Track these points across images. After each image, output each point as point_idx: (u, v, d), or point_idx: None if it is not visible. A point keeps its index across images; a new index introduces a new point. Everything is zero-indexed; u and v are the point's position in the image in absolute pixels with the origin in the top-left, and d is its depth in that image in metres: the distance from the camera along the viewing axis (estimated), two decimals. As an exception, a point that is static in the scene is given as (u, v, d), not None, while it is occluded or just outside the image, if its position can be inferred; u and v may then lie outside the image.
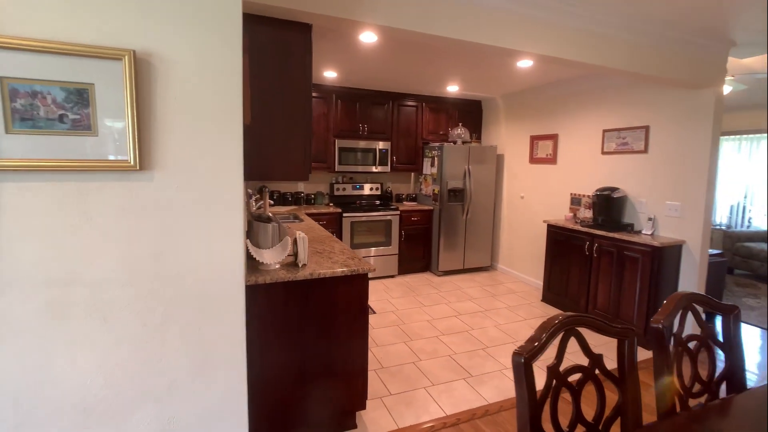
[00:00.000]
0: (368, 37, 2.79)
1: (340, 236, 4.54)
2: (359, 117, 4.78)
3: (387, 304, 3.96)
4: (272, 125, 1.74)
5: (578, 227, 3.63)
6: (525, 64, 3.44)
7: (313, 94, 4.44)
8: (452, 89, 4.66)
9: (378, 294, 4.26)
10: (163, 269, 1.22)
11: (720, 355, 1.38)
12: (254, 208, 3.32)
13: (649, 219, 3.31)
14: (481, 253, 5.14)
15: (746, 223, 5.98)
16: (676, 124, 3.16)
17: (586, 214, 3.90)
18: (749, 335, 3.48)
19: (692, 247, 3.09)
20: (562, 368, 1.11)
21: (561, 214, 4.27)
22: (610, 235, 3.33)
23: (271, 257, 1.84)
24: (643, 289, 3.11)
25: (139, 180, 1.17)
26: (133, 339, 1.21)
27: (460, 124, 5.10)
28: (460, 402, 2.37)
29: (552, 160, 4.37)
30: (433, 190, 4.96)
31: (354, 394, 2.03)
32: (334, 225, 4.48)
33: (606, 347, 1.81)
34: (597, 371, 1.16)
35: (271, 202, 4.02)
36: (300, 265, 1.91)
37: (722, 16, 2.38)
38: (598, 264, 3.48)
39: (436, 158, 4.89)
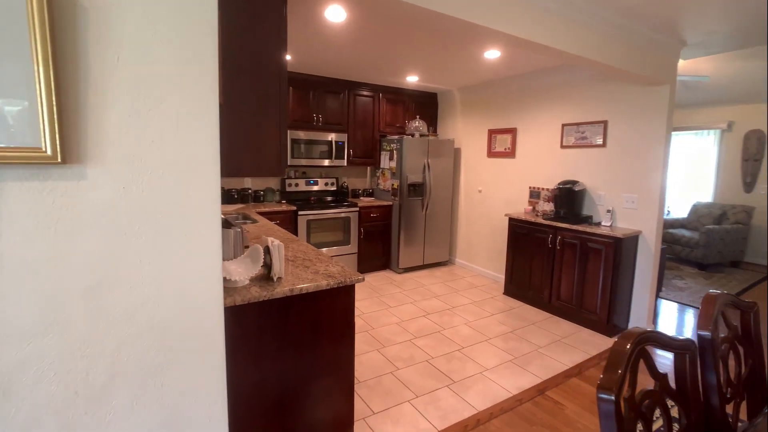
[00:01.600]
0: (335, 14, 2.48)
1: (295, 235, 4.16)
2: (313, 106, 4.41)
3: (351, 308, 3.70)
4: (243, 108, 1.39)
5: (541, 220, 3.67)
6: (492, 55, 3.35)
7: (262, 79, 4.00)
8: (411, 79, 4.48)
9: (340, 297, 3.98)
10: (104, 306, 0.86)
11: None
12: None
13: (608, 211, 3.42)
14: (440, 248, 5.07)
15: (666, 212, 6.63)
16: (633, 120, 3.28)
17: (546, 207, 3.97)
18: (683, 313, 3.78)
19: (648, 236, 3.24)
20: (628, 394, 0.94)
21: (520, 208, 4.31)
22: (574, 227, 3.39)
23: (240, 272, 1.50)
24: (606, 279, 3.20)
25: (64, 178, 0.80)
26: (59, 416, 0.83)
27: (418, 116, 4.95)
28: (449, 413, 2.20)
29: (510, 153, 4.39)
30: (392, 184, 4.77)
31: (340, 422, 1.77)
32: (288, 224, 4.10)
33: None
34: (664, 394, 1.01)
35: None
36: (275, 279, 1.59)
37: (677, 13, 2.45)
38: (561, 256, 3.53)
39: (395, 151, 4.69)
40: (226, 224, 1.88)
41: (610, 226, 3.39)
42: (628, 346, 0.87)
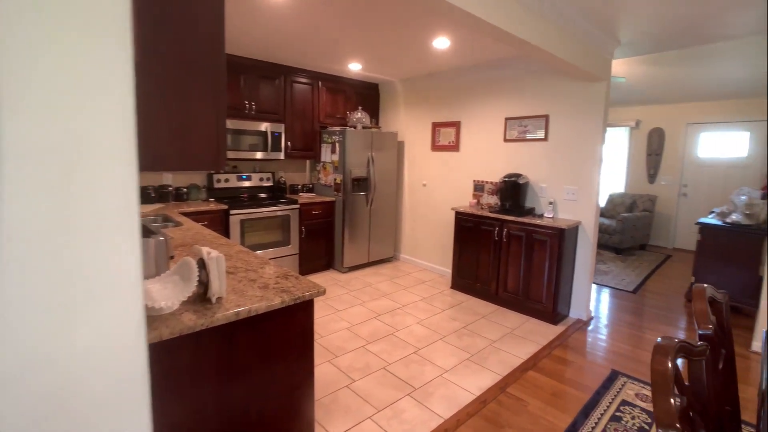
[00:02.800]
0: (273, -18, 2.14)
1: (227, 238, 3.70)
2: (245, 92, 3.95)
3: (296, 315, 3.38)
4: (163, 78, 1.05)
5: (488, 213, 3.67)
6: (441, 44, 3.23)
7: (182, 58, 3.46)
8: (354, 67, 4.21)
9: (282, 303, 3.63)
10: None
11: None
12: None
13: (550, 203, 3.52)
14: (385, 244, 4.92)
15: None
16: (572, 115, 3.39)
17: (490, 200, 3.99)
18: (613, 296, 4.08)
19: (586, 226, 3.39)
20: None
21: (465, 201, 4.31)
22: (520, 219, 3.43)
23: (167, 295, 1.16)
24: (551, 269, 3.29)
25: None
26: None
27: (360, 107, 4.71)
28: (416, 426, 2.04)
29: (455, 147, 4.35)
30: (335, 179, 4.48)
31: (300, 460, 1.50)
32: (218, 225, 3.63)
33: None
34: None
35: None
36: (214, 300, 1.27)
37: (616, 13, 2.53)
38: (508, 248, 3.57)
39: (337, 144, 4.40)
40: (145, 231, 1.49)
41: (552, 217, 3.49)
42: (669, 366, 0.75)
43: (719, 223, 3.78)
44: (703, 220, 3.90)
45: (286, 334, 1.38)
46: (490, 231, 3.68)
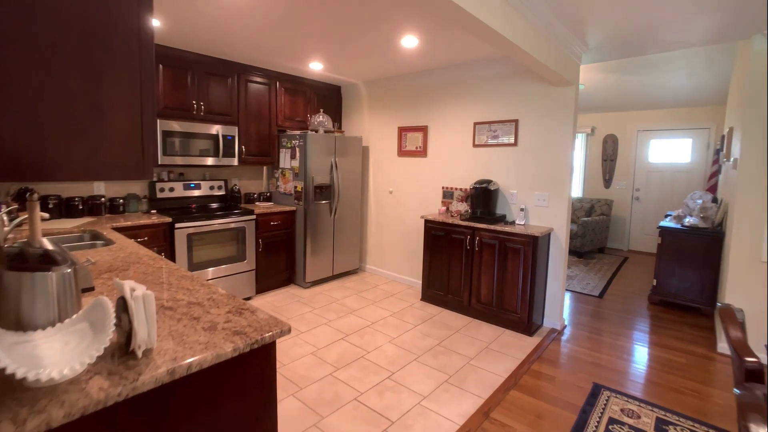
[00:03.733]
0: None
1: (171, 256, 3.26)
2: (193, 91, 3.54)
3: (254, 339, 3.01)
4: (64, 52, 0.73)
5: (459, 221, 3.52)
6: (409, 42, 3.04)
7: (114, 50, 3.01)
8: (315, 67, 3.93)
9: (237, 326, 3.24)
10: None
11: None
12: (6, 232, 1.88)
13: (521, 209, 3.42)
14: (349, 255, 4.64)
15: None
16: (542, 119, 3.32)
17: (459, 207, 3.85)
18: (581, 301, 4.07)
19: (558, 233, 3.32)
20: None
21: (433, 209, 4.14)
22: (492, 227, 3.30)
23: (68, 353, 0.83)
24: (525, 278, 3.18)
25: None
26: None
27: (322, 110, 4.42)
28: (396, 470, 1.79)
29: (422, 152, 4.18)
30: (295, 186, 4.16)
31: None
32: (161, 241, 3.18)
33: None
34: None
35: (45, 215, 2.40)
36: (140, 354, 0.95)
37: (586, 13, 2.47)
38: (480, 257, 3.43)
39: (297, 149, 4.08)
40: (46, 259, 1.13)
41: (524, 224, 3.40)
42: None
43: (678, 226, 3.88)
44: (663, 224, 3.99)
45: (242, 388, 1.08)
46: (461, 239, 3.53)
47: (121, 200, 3.38)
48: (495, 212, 3.57)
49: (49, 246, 1.45)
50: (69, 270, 1.06)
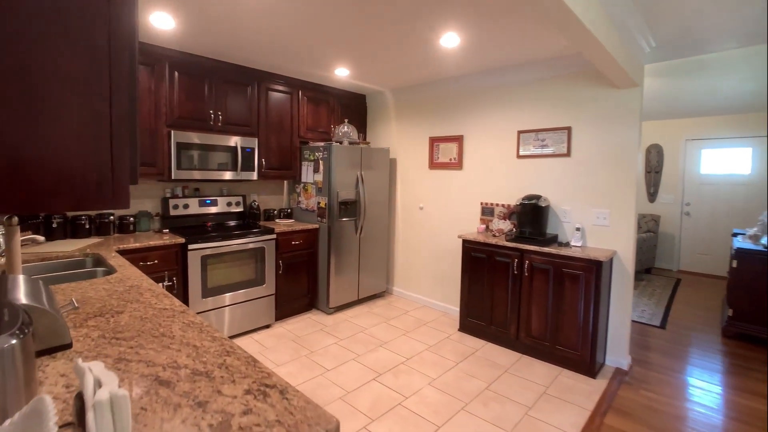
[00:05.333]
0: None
1: (184, 280, 2.94)
2: (210, 100, 3.26)
3: (273, 379, 2.63)
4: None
5: (504, 242, 3.09)
6: (449, 41, 2.69)
7: (126, 55, 2.75)
8: (341, 73, 3.62)
9: (255, 361, 2.87)
10: None
11: None
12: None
13: (577, 229, 2.99)
14: (376, 277, 4.25)
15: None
16: (600, 126, 2.91)
17: (501, 225, 3.43)
18: (649, 336, 3.56)
19: (623, 256, 2.87)
20: None
21: (470, 227, 3.73)
22: (545, 250, 2.87)
23: None
24: (587, 310, 2.72)
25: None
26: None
27: (346, 120, 4.10)
28: None
29: (457, 164, 3.80)
30: (318, 202, 3.82)
31: None
32: (172, 264, 2.87)
33: None
34: None
35: (40, 238, 2.09)
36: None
37: (655, 7, 2.08)
38: (530, 284, 2.99)
39: (320, 161, 3.76)
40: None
41: (581, 246, 2.96)
42: None
43: (758, 248, 3.36)
44: (740, 245, 3.47)
45: None
46: (507, 263, 3.10)
47: (131, 218, 3.09)
48: (545, 232, 3.13)
49: (19, 286, 1.11)
50: (14, 342, 0.71)
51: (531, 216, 3.08)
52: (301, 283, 3.75)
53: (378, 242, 4.21)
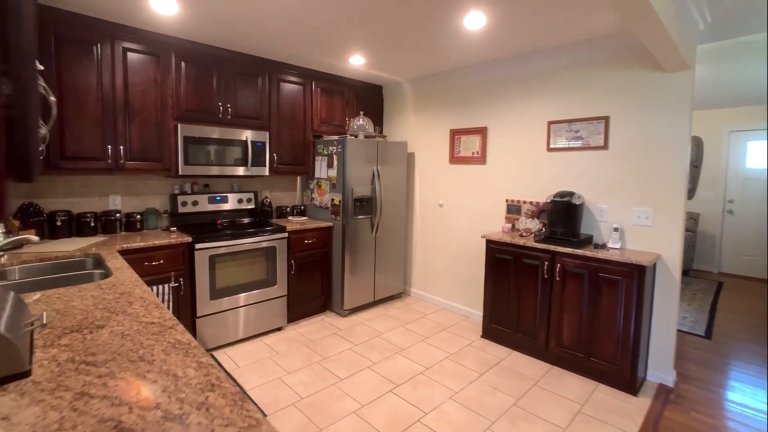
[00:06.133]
0: None
1: (191, 280, 2.80)
2: (219, 93, 3.11)
3: (281, 387, 2.46)
4: None
5: (533, 243, 2.83)
6: (474, 22, 2.44)
7: (136, 47, 2.64)
8: (356, 62, 3.40)
9: (262, 366, 2.71)
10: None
11: None
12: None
13: (615, 229, 2.70)
14: (393, 277, 4.04)
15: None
16: (643, 115, 2.61)
17: (529, 224, 3.17)
18: (698, 348, 3.24)
19: (669, 260, 2.57)
20: None
21: (494, 226, 3.47)
22: (579, 252, 2.60)
23: None
24: (627, 319, 2.45)
25: None
26: None
27: (362, 112, 3.89)
28: None
29: (480, 158, 3.54)
30: (332, 199, 3.63)
31: None
32: (179, 264, 2.73)
33: None
34: None
35: (34, 238, 1.96)
36: None
37: None
38: (562, 289, 2.73)
39: (334, 156, 3.56)
40: None
41: (619, 248, 2.67)
42: None
43: (821, 251, 2.99)
44: (800, 247, 3.10)
45: None
46: (536, 266, 2.84)
47: (138, 216, 2.97)
48: (579, 232, 2.86)
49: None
50: None
51: (563, 215, 2.81)
52: (314, 283, 3.58)
53: (395, 241, 3.99)
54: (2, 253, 2.19)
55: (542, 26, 2.52)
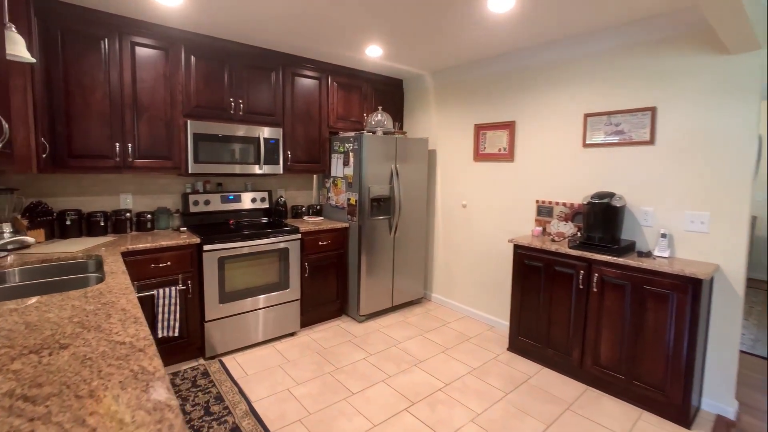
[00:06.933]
0: None
1: (200, 284, 2.69)
2: (230, 88, 2.98)
3: (288, 400, 2.30)
4: None
5: (567, 249, 2.55)
6: (500, 4, 2.18)
7: (144, 41, 2.54)
8: (373, 53, 3.20)
9: (272, 375, 2.56)
10: None
11: None
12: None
13: (663, 235, 2.37)
14: (412, 282, 3.82)
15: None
16: (699, 104, 2.27)
17: (562, 228, 2.87)
18: (738, 365, 2.85)
19: (729, 272, 2.23)
20: None
21: (523, 229, 3.19)
22: (621, 261, 2.30)
23: None
24: (679, 340, 2.13)
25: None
26: None
27: (380, 108, 3.69)
28: None
29: (507, 156, 3.26)
30: (348, 199, 3.45)
31: None
32: (186, 266, 2.62)
33: None
34: None
35: (30, 239, 1.83)
36: None
37: None
38: (600, 301, 2.43)
39: (351, 154, 3.38)
40: None
41: (668, 257, 2.35)
42: None
43: None
44: None
45: None
46: (570, 275, 2.55)
47: (149, 215, 2.89)
48: (620, 238, 2.54)
49: None
50: None
51: (602, 218, 2.50)
52: (329, 287, 3.41)
53: (415, 243, 3.77)
54: (6, 253, 2.14)
55: (580, 6, 2.23)
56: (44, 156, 2.25)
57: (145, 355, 1.01)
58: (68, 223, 2.59)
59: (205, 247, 2.67)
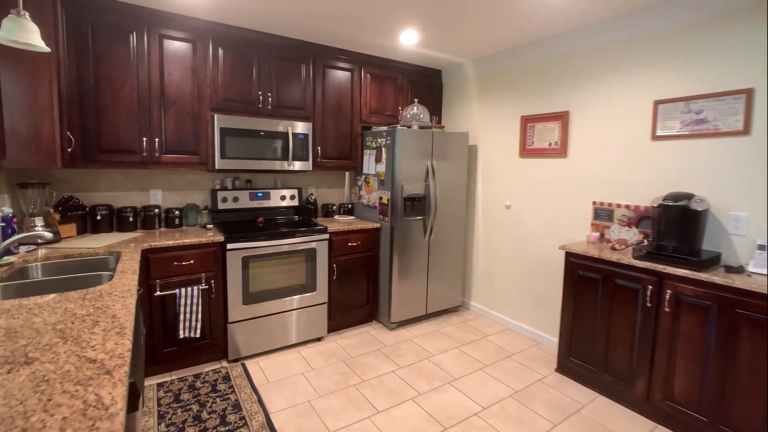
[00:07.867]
0: None
1: (223, 282, 2.59)
2: (259, 81, 2.87)
3: (308, 414, 2.12)
4: None
5: (631, 260, 2.16)
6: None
7: (172, 34, 2.48)
8: (408, 40, 2.96)
9: (293, 384, 2.39)
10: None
11: None
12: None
13: (760, 247, 1.93)
14: (449, 288, 3.53)
15: None
16: (815, 83, 1.81)
17: (625, 234, 2.47)
18: None
19: None
20: None
21: (577, 234, 2.81)
22: (703, 277, 1.89)
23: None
24: (780, 380, 1.70)
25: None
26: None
27: (416, 100, 3.44)
28: None
29: (559, 151, 2.89)
30: (380, 198, 3.23)
31: None
32: (210, 265, 2.52)
33: None
34: None
35: (48, 235, 1.81)
36: None
37: None
38: (673, 324, 2.03)
39: (383, 149, 3.16)
40: None
41: (767, 274, 1.90)
42: None
43: None
44: None
45: None
46: (635, 290, 2.16)
47: (177, 212, 2.85)
48: (700, 248, 2.12)
49: None
50: None
51: (677, 224, 2.09)
52: (358, 291, 3.21)
53: (452, 247, 3.48)
54: (35, 247, 2.14)
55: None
56: (69, 150, 2.23)
57: (110, 380, 0.84)
58: (99, 218, 2.59)
59: (229, 246, 2.56)
